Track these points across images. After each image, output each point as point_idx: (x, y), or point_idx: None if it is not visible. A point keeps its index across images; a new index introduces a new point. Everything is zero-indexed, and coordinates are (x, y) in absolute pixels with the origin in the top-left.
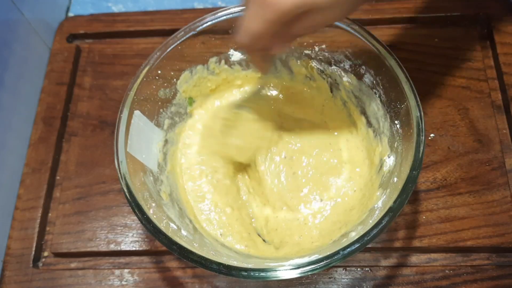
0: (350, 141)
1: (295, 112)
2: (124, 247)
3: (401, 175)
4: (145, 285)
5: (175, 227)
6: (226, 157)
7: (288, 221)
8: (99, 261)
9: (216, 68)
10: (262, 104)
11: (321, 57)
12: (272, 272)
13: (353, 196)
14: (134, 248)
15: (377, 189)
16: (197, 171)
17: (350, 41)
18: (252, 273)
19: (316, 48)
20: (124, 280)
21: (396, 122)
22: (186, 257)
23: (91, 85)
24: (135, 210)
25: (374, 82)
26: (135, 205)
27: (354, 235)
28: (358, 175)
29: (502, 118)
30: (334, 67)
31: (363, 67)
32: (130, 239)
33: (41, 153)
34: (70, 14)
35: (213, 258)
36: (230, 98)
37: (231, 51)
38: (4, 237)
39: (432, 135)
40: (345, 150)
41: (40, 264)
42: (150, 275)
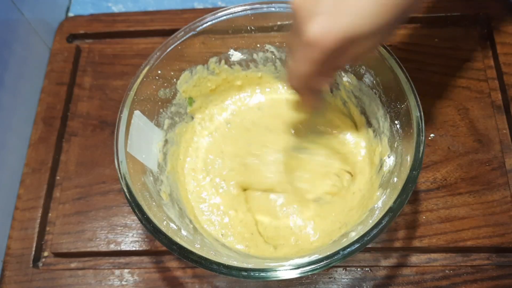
0: (350, 141)
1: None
2: (124, 247)
3: (401, 175)
4: (145, 285)
5: (175, 227)
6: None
7: (286, 228)
8: (99, 261)
9: (216, 68)
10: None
11: None
12: (272, 272)
13: (353, 196)
14: (134, 248)
15: (377, 189)
16: (203, 173)
17: None
18: (252, 273)
19: None
20: (124, 280)
21: (396, 122)
22: (186, 257)
23: (91, 85)
24: (135, 210)
25: (374, 82)
26: (135, 205)
27: (354, 235)
28: (358, 175)
29: (502, 118)
30: None
31: (363, 67)
32: (130, 239)
33: (41, 153)
34: (70, 14)
35: (213, 258)
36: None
37: (231, 51)
38: (4, 237)
39: (432, 135)
40: (345, 150)
41: (40, 264)
42: (150, 275)
